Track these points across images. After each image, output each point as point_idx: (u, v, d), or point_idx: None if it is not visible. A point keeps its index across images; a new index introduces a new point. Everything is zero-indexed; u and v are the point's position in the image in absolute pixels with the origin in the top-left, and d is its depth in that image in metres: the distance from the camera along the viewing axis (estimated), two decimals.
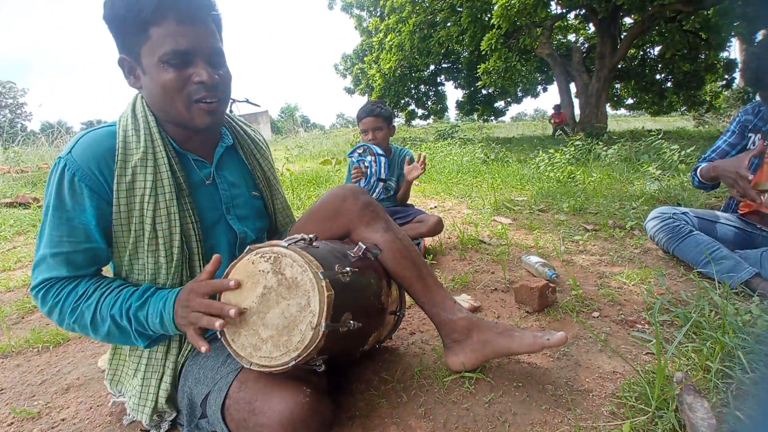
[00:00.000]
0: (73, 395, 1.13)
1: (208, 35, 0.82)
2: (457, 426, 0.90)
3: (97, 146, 0.82)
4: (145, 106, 0.88)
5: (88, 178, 0.80)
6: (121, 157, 0.82)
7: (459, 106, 17.94)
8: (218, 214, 0.97)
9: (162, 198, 0.84)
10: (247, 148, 1.07)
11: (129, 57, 0.83)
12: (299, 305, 0.71)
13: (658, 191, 3.11)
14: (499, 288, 1.62)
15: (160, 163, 0.85)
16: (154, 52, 0.78)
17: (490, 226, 2.54)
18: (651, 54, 12.40)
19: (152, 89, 0.83)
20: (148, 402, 0.88)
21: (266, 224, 1.13)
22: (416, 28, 11.06)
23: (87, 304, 0.80)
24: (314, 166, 6.45)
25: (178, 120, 0.85)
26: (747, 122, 1.62)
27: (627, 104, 15.16)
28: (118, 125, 0.86)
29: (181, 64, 0.79)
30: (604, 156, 5.06)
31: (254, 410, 0.73)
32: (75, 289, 0.81)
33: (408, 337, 1.30)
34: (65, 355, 1.36)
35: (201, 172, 0.95)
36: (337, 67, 18.26)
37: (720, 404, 0.88)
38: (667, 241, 1.72)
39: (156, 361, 0.89)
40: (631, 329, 1.25)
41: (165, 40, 0.77)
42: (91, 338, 0.84)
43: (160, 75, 0.79)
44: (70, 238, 0.80)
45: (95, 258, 0.84)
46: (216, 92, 0.84)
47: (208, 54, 0.82)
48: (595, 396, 0.97)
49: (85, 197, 0.80)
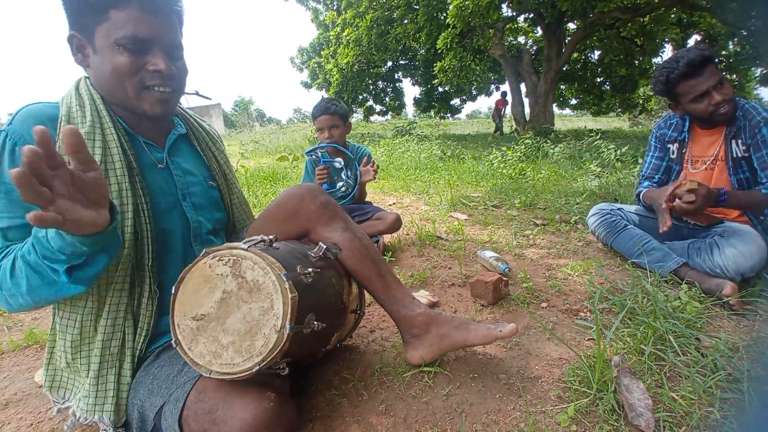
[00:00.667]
0: (13, 411, 1.04)
1: (169, 27, 0.83)
2: (417, 420, 0.93)
3: (39, 114, 0.79)
4: (90, 87, 0.86)
5: None
6: (65, 126, 0.77)
7: (416, 102, 18.19)
8: (173, 200, 0.94)
9: (113, 174, 0.81)
10: (202, 139, 1.06)
11: (80, 35, 0.81)
12: (262, 309, 0.70)
13: (598, 187, 3.36)
14: (456, 283, 1.68)
15: (109, 139, 0.82)
16: (110, 34, 0.77)
17: (447, 222, 2.61)
18: (592, 58, 13.28)
19: (102, 69, 0.81)
20: (108, 399, 0.82)
21: (224, 216, 1.09)
22: (373, 23, 11.05)
23: (7, 259, 0.72)
24: (270, 162, 6.27)
25: (125, 103, 0.84)
26: (663, 135, 1.79)
27: (571, 104, 16.15)
28: (61, 102, 0.83)
29: (138, 50, 0.79)
30: (552, 154, 5.37)
31: (215, 420, 0.71)
32: (6, 257, 0.73)
33: (368, 335, 1.32)
34: (0, 369, 1.24)
35: (152, 155, 0.92)
36: (294, 61, 17.84)
37: (655, 385, 0.98)
38: (605, 234, 1.86)
39: (111, 356, 0.83)
40: (575, 317, 1.35)
41: (125, 24, 0.77)
42: (23, 303, 0.72)
43: (114, 57, 0.78)
44: (8, 212, 0.75)
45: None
46: (171, 82, 0.84)
47: (168, 45, 0.83)
48: (543, 382, 1.04)
49: None
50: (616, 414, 0.90)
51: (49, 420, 1.00)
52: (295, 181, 4.58)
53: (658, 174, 1.82)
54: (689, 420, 0.87)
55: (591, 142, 5.68)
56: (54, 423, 0.99)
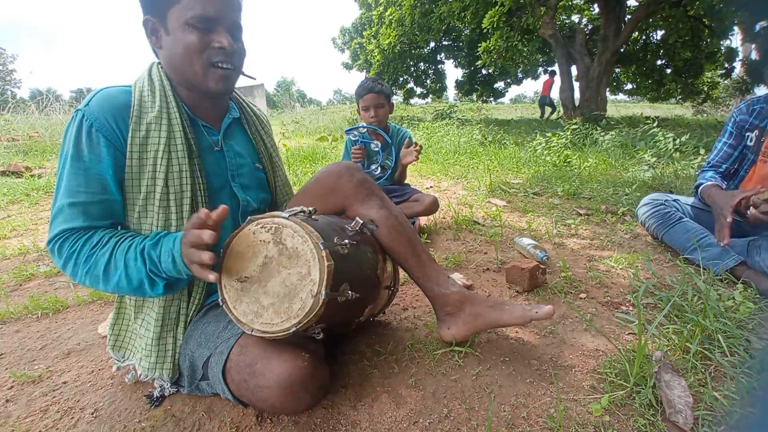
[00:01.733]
0: (75, 359, 1.16)
1: (232, 8, 0.88)
2: (445, 395, 0.95)
3: (114, 100, 0.85)
4: (161, 72, 0.92)
5: (105, 128, 0.82)
6: (137, 112, 0.86)
7: (458, 85, 17.70)
8: (223, 180, 1.00)
9: (175, 156, 0.88)
10: (252, 123, 1.11)
11: (154, 18, 0.87)
12: (300, 274, 0.74)
13: (651, 178, 3.15)
14: (491, 268, 1.66)
15: (174, 124, 0.89)
16: (181, 15, 0.83)
17: (485, 208, 2.56)
18: (653, 39, 12.22)
19: (173, 49, 0.87)
20: (167, 359, 0.91)
21: (268, 196, 1.15)
22: (417, 2, 10.76)
23: (102, 251, 0.80)
24: (311, 142, 6.39)
25: (193, 81, 0.89)
26: (743, 122, 1.61)
27: (626, 89, 15.04)
28: (133, 86, 0.89)
29: (205, 29, 0.85)
30: (601, 141, 5.07)
31: (255, 372, 0.77)
32: (90, 239, 0.81)
33: (401, 312, 1.34)
34: (65, 321, 1.38)
35: (210, 138, 0.98)
36: (335, 41, 17.85)
37: (698, 384, 0.93)
38: (656, 227, 1.75)
39: (170, 321, 0.92)
40: (616, 311, 1.30)
41: (194, 4, 0.83)
42: (101, 289, 0.83)
43: (185, 36, 0.84)
44: (87, 188, 0.82)
45: (110, 210, 0.86)
46: (232, 59, 0.89)
47: (231, 25, 0.88)
48: (577, 371, 1.02)
49: (102, 147, 0.82)
50: (653, 409, 0.87)
51: (108, 368, 1.10)
52: (333, 161, 4.65)
53: (727, 163, 1.66)
54: (730, 420, 0.83)
55: (647, 129, 5.30)
56: (113, 371, 1.09)
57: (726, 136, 1.67)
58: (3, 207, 2.96)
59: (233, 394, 0.82)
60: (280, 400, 0.76)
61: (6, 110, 8.31)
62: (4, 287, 1.65)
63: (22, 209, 2.90)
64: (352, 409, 0.92)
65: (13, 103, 8.67)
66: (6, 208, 2.93)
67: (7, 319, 1.40)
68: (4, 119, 7.24)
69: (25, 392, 1.02)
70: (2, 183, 3.61)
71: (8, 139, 6.14)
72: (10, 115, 7.91)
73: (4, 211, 2.85)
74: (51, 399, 0.99)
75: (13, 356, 1.19)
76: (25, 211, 2.86)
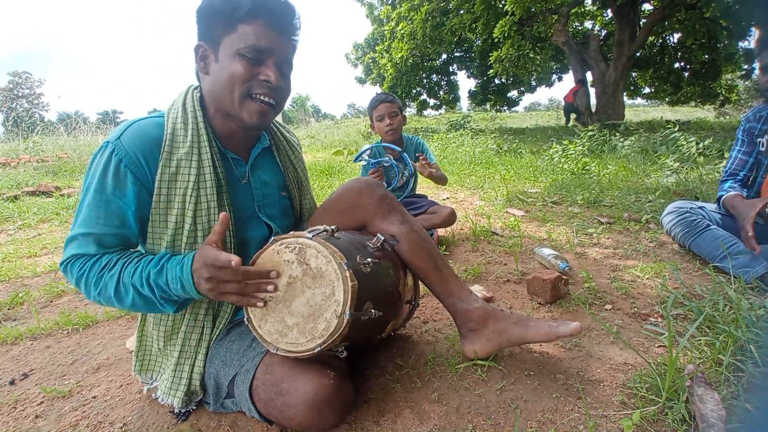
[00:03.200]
0: (104, 374, 1.19)
1: (286, 46, 0.89)
2: (469, 411, 0.93)
3: (146, 136, 0.84)
4: (194, 99, 0.92)
5: (134, 165, 0.82)
6: (168, 148, 0.85)
7: (471, 96, 17.72)
8: (251, 211, 1.01)
9: (203, 193, 0.87)
10: (283, 150, 1.11)
11: (207, 44, 0.88)
12: (324, 294, 0.74)
13: (675, 184, 3.07)
14: (511, 279, 1.64)
15: (204, 158, 0.88)
16: (234, 44, 0.84)
17: (503, 218, 2.54)
18: (670, 42, 12.02)
19: (219, 76, 0.87)
20: (181, 386, 0.91)
21: (292, 222, 1.15)
22: (428, 16, 10.91)
23: (110, 274, 0.80)
24: (326, 156, 6.48)
25: (229, 111, 0.88)
26: (752, 129, 1.64)
27: (644, 93, 14.78)
28: (166, 117, 0.89)
29: (255, 60, 0.85)
30: (621, 147, 4.99)
31: (281, 391, 0.77)
32: (99, 261, 0.82)
33: (421, 325, 1.33)
34: (94, 336, 1.42)
35: (237, 171, 0.98)
36: (349, 57, 18.14)
37: (731, 396, 0.90)
38: (683, 235, 1.71)
39: (189, 348, 0.92)
40: (644, 322, 1.27)
41: (249, 36, 0.83)
42: (118, 308, 0.85)
43: (233, 64, 0.84)
44: (105, 220, 0.82)
45: (124, 242, 0.86)
46: (275, 95, 0.89)
47: (282, 61, 0.89)
48: (605, 386, 0.99)
49: (129, 183, 0.82)
50: (686, 424, 0.84)
51: (137, 383, 1.13)
52: (349, 175, 4.70)
53: (744, 170, 1.67)
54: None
55: (668, 134, 5.18)
56: (141, 385, 1.11)
57: (739, 144, 1.70)
58: (34, 226, 3.08)
59: (260, 412, 0.83)
60: (307, 418, 0.76)
61: (35, 132, 8.73)
62: (36, 304, 1.71)
63: (52, 228, 3.02)
64: (375, 424, 0.91)
65: (42, 126, 9.09)
66: (37, 227, 3.06)
67: (38, 335, 1.45)
68: (33, 141, 7.60)
69: (55, 407, 1.04)
70: (33, 202, 3.77)
71: (38, 160, 6.43)
72: (39, 137, 8.30)
73: (35, 230, 2.97)
74: (81, 414, 1.01)
75: (43, 372, 1.22)
76: (55, 229, 2.97)
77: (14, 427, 0.97)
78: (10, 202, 3.83)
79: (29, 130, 9.10)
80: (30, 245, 2.55)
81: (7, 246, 2.55)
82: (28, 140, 7.86)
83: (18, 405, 1.06)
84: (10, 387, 1.15)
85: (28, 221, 3.16)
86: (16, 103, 39.84)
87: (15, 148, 7.73)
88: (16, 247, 2.50)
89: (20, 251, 2.43)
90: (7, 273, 2.05)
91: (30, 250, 2.44)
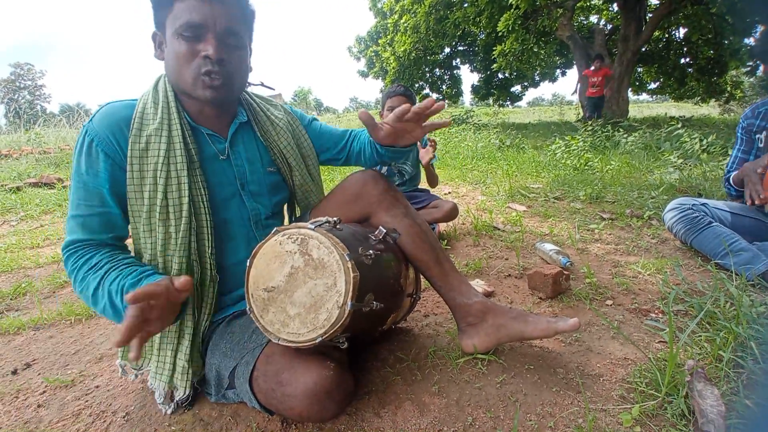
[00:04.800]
0: (107, 364, 1.20)
1: (224, 14, 0.84)
2: (469, 403, 0.94)
3: (115, 114, 0.86)
4: (166, 83, 0.92)
5: (104, 143, 0.84)
6: (137, 125, 0.86)
7: (474, 90, 17.62)
8: (233, 189, 0.99)
9: (173, 168, 0.87)
10: (264, 125, 1.07)
11: (158, 30, 0.89)
12: (326, 285, 0.75)
13: (678, 181, 3.06)
14: (512, 274, 1.64)
15: (174, 134, 0.88)
16: (173, 24, 0.84)
17: (505, 213, 2.54)
18: (676, 37, 11.90)
19: (168, 60, 0.88)
20: (165, 371, 0.91)
21: (285, 197, 1.13)
22: (432, 9, 10.83)
23: (95, 276, 0.80)
24: None
25: (186, 90, 0.88)
26: (750, 126, 1.64)
27: (649, 89, 14.67)
28: (139, 100, 0.90)
29: (193, 37, 0.83)
30: (624, 143, 4.96)
31: (281, 382, 0.78)
32: (90, 260, 0.82)
33: (422, 318, 1.34)
34: (97, 326, 1.43)
35: (215, 147, 0.97)
36: (351, 50, 18.04)
37: (730, 392, 0.90)
38: (685, 232, 1.70)
39: (169, 333, 0.91)
40: (645, 318, 1.27)
41: (183, 13, 0.82)
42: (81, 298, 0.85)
43: (175, 46, 0.84)
44: (86, 201, 0.84)
45: (110, 223, 0.86)
46: (221, 68, 0.85)
47: (221, 32, 0.84)
48: (605, 380, 0.99)
49: (100, 162, 0.84)
50: (686, 419, 0.84)
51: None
52: (352, 168, 4.69)
53: None
54: None
55: (671, 130, 5.15)
56: (144, 376, 1.12)
57: (738, 143, 1.70)
58: (36, 217, 3.09)
59: (260, 403, 0.83)
60: (307, 408, 0.76)
61: (37, 124, 8.72)
62: (38, 294, 1.72)
63: (54, 219, 3.03)
64: (375, 416, 0.92)
65: (44, 117, 9.07)
66: (39, 218, 3.07)
67: (41, 325, 1.46)
68: (35, 133, 7.60)
69: (57, 397, 1.05)
70: (35, 194, 3.78)
71: (40, 151, 6.43)
72: (41, 128, 8.29)
73: (38, 221, 2.99)
74: (83, 403, 1.02)
75: (46, 362, 1.23)
76: (57, 220, 2.98)
77: (16, 417, 0.98)
78: (13, 193, 3.84)
79: (31, 121, 9.09)
80: (32, 236, 2.56)
81: (10, 237, 2.56)
82: (30, 132, 7.86)
83: (20, 394, 1.07)
84: (12, 376, 1.15)
85: (30, 212, 3.17)
86: (18, 95, 39.79)
87: (17, 140, 7.73)
88: (19, 238, 2.52)
89: (23, 242, 2.44)
90: (9, 264, 2.06)
91: (33, 241, 2.45)
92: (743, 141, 1.67)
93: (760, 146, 1.61)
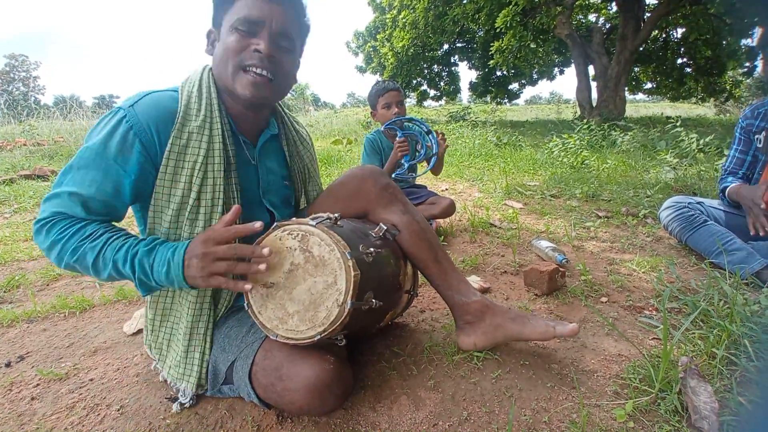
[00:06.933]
0: (101, 357, 1.19)
1: (282, 14, 0.85)
2: (465, 398, 0.94)
3: (162, 107, 0.83)
4: (210, 78, 0.90)
5: (144, 134, 0.80)
6: (181, 120, 0.83)
7: (472, 87, 17.60)
8: (256, 196, 0.99)
9: (211, 169, 0.85)
10: (292, 141, 1.08)
11: (215, 28, 0.90)
12: (326, 283, 0.74)
13: (674, 180, 3.08)
14: (508, 271, 1.64)
15: (215, 134, 0.86)
16: (229, 20, 0.85)
17: (501, 210, 2.54)
18: (674, 37, 11.93)
19: (218, 53, 0.88)
20: (193, 373, 0.90)
21: (291, 212, 1.14)
22: (431, 5, 10.78)
23: (92, 245, 0.76)
24: (325, 145, 6.44)
25: (227, 85, 0.87)
26: (749, 126, 1.64)
27: (645, 89, 14.72)
28: (181, 91, 0.87)
29: (247, 32, 0.84)
30: (620, 142, 4.98)
31: (281, 376, 0.78)
32: (83, 229, 0.77)
33: (418, 314, 1.34)
34: (91, 320, 1.42)
35: (247, 153, 0.97)
36: (349, 45, 17.94)
37: (724, 389, 0.91)
38: (680, 230, 1.71)
39: (199, 336, 0.90)
40: (639, 315, 1.28)
41: (242, 8, 0.83)
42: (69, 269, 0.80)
43: (228, 38, 0.85)
44: (100, 185, 0.78)
45: (111, 211, 0.82)
46: (269, 66, 0.85)
47: (276, 31, 0.85)
48: (599, 376, 1.00)
49: (135, 152, 0.79)
50: (678, 415, 0.85)
51: (134, 366, 1.13)
52: (348, 164, 4.67)
53: (742, 169, 1.68)
54: None
55: (668, 129, 5.17)
56: (139, 368, 1.11)
57: (736, 143, 1.70)
58: (30, 209, 3.06)
59: (259, 397, 0.83)
60: (307, 402, 0.76)
61: (31, 116, 8.62)
62: (32, 287, 1.71)
63: None
64: (371, 410, 0.92)
65: (38, 109, 8.96)
66: (33, 210, 3.03)
67: (34, 318, 1.45)
68: (29, 124, 7.51)
69: (51, 390, 1.04)
70: (29, 186, 3.74)
71: (33, 143, 6.36)
72: (35, 120, 8.20)
73: (31, 213, 2.95)
74: (77, 396, 1.01)
75: (40, 354, 1.21)
76: None
77: (10, 409, 0.97)
78: (6, 185, 3.79)
79: (25, 113, 8.98)
80: (26, 228, 2.53)
81: (3, 229, 2.53)
82: (24, 123, 7.77)
83: (14, 387, 1.06)
84: (6, 369, 1.14)
85: (24, 204, 3.13)
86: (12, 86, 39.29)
87: (11, 131, 7.64)
88: (12, 231, 2.49)
89: (16, 234, 2.41)
90: (3, 256, 2.03)
91: (26, 233, 2.43)
92: (741, 141, 1.68)
93: (758, 146, 1.62)
